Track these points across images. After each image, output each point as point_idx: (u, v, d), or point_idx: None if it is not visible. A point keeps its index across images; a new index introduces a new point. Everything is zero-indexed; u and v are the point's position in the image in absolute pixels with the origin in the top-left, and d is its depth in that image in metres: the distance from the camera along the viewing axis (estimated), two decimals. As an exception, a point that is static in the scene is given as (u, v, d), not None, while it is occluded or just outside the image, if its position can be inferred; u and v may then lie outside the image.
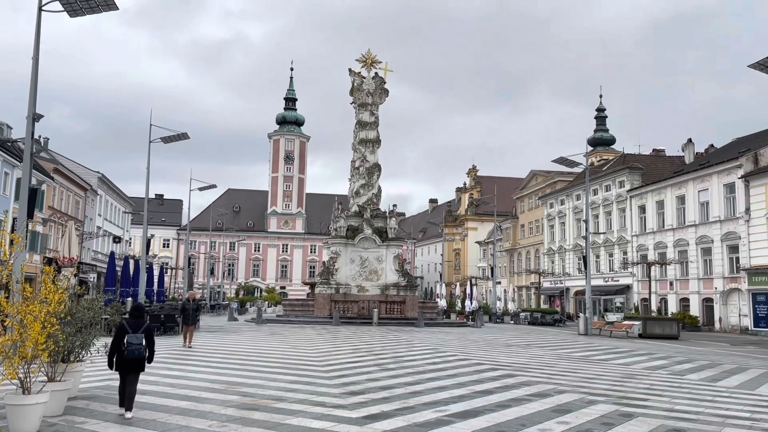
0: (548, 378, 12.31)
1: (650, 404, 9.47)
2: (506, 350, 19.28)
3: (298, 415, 7.90)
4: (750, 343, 29.23)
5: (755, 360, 19.30)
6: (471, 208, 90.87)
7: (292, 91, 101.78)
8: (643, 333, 30.29)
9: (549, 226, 65.52)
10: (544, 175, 69.78)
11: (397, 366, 13.73)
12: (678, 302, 44.80)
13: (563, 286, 60.05)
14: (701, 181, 43.52)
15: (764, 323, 36.89)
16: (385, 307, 34.74)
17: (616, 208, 53.55)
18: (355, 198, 39.46)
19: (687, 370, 14.99)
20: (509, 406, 8.90)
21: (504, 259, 75.76)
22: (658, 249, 47.07)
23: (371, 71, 40.52)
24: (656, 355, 19.15)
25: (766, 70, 19.52)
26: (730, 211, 40.52)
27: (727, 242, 40.46)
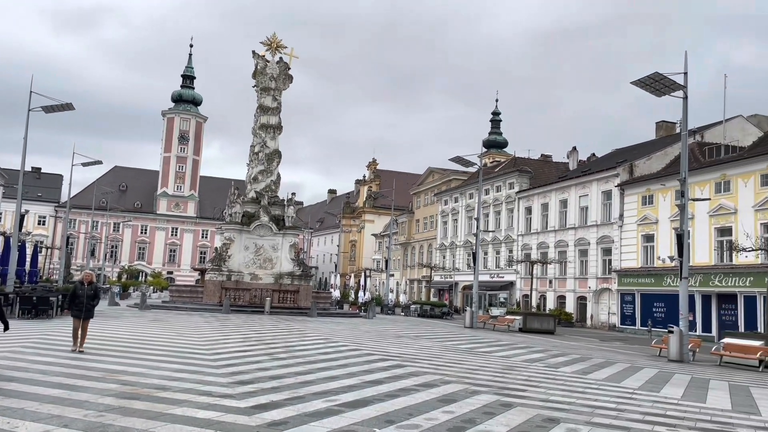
0: (435, 369, 12.70)
1: (528, 395, 10.03)
2: (396, 341, 19.68)
3: (183, 404, 7.63)
4: (617, 339, 31.75)
5: (621, 355, 20.98)
6: (369, 201, 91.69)
7: (190, 68, 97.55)
8: (523, 327, 32.00)
9: (443, 222, 67.50)
10: (441, 172, 71.73)
11: (288, 355, 13.61)
12: (556, 299, 47.79)
13: (452, 280, 62.17)
14: (582, 187, 46.58)
15: (630, 321, 40.21)
16: (278, 296, 34.31)
17: (505, 208, 56.12)
18: (253, 184, 38.59)
19: (561, 363, 16.02)
20: (398, 395, 9.09)
21: (398, 253, 77.17)
22: (540, 249, 49.89)
23: (276, 55, 39.73)
24: (534, 349, 20.31)
25: (646, 87, 21.19)
26: (606, 216, 43.70)
27: (602, 245, 43.64)
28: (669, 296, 34.85)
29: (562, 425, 7.71)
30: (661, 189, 38.49)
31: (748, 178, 33.04)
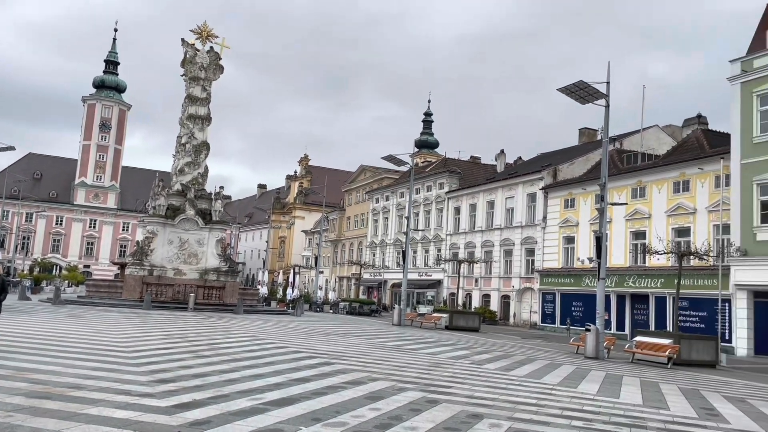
0: (363, 366, 12.72)
1: (453, 391, 10.20)
2: (324, 339, 19.58)
3: (99, 404, 7.28)
4: (537, 337, 32.87)
5: (541, 352, 21.73)
6: (300, 197, 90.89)
7: (114, 53, 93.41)
8: (450, 325, 32.61)
9: (374, 220, 67.78)
10: (373, 170, 72.00)
11: (213, 353, 13.27)
12: (481, 298, 48.98)
13: (382, 278, 62.55)
14: (509, 189, 47.94)
15: (550, 320, 41.74)
16: (204, 292, 33.42)
17: (435, 207, 56.99)
18: (179, 176, 37.39)
19: (485, 360, 16.41)
20: (325, 393, 9.04)
21: (328, 250, 76.88)
22: (468, 248, 50.98)
23: (206, 45, 38.65)
24: (460, 346, 20.72)
25: (571, 95, 22.01)
26: (530, 218, 45.16)
27: (526, 246, 45.08)
28: (587, 296, 36.42)
29: (486, 421, 7.89)
30: (583, 193, 40.15)
31: (662, 185, 34.97)
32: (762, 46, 29.52)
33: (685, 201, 33.44)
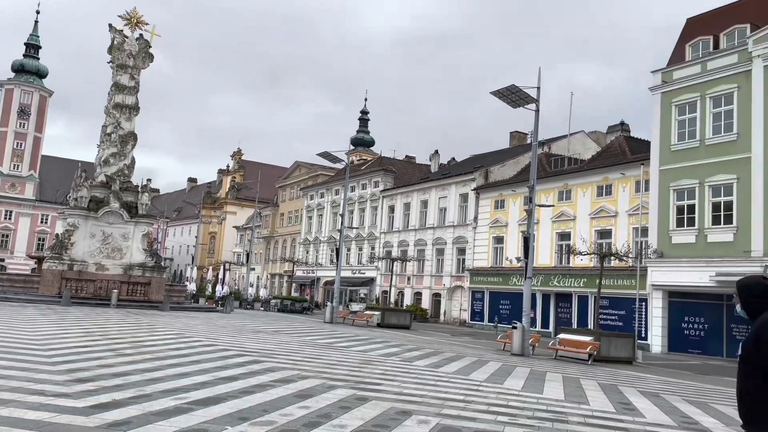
0: (293, 364, 12.58)
1: (383, 388, 10.24)
2: (254, 336, 19.26)
3: (10, 404, 6.85)
4: (467, 334, 33.55)
5: (470, 349, 22.17)
6: (232, 192, 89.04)
7: (35, 36, 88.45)
8: (381, 322, 32.79)
9: (308, 217, 67.26)
10: (308, 167, 71.44)
11: (135, 351, 12.78)
12: (413, 295, 49.51)
13: (315, 275, 62.17)
14: (442, 189, 48.67)
15: (479, 317, 42.67)
16: (128, 288, 32.20)
17: (370, 206, 57.15)
18: (104, 167, 35.83)
19: (415, 357, 16.59)
20: (253, 392, 8.87)
21: (261, 246, 75.72)
22: (401, 246, 51.42)
23: (135, 32, 37.21)
24: (391, 343, 20.86)
25: (503, 98, 22.54)
26: (462, 218, 46.02)
27: (458, 245, 45.90)
28: (514, 294, 37.46)
29: (414, 417, 7.96)
30: (512, 194, 41.27)
31: (587, 189, 36.41)
32: (681, 59, 31.21)
33: (607, 204, 34.94)
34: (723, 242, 27.13)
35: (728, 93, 27.87)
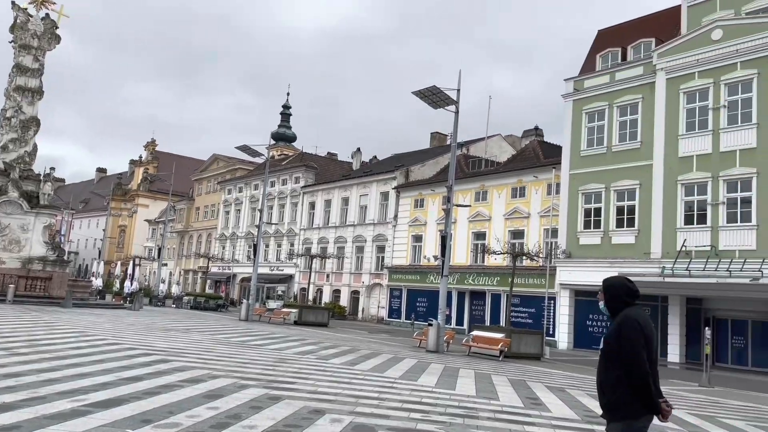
0: (203, 363, 12.17)
1: (297, 387, 10.09)
2: (163, 335, 18.52)
3: None
4: (384, 332, 33.79)
5: (386, 346, 22.32)
6: (145, 184, 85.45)
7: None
8: (299, 320, 32.45)
9: (225, 211, 65.59)
10: (226, 160, 69.65)
11: (31, 350, 11.94)
12: (332, 293, 49.35)
13: (231, 272, 60.73)
14: (363, 187, 48.78)
15: (396, 315, 43.10)
16: (26, 283, 30.17)
17: (290, 202, 56.45)
18: (2, 153, 33.40)
19: (331, 355, 16.49)
20: (158, 393, 8.48)
21: (174, 241, 73.11)
22: (321, 243, 51.12)
23: (41, 11, 34.86)
24: (307, 341, 20.66)
25: (424, 99, 22.82)
26: (382, 216, 46.32)
27: (377, 243, 46.16)
28: (431, 292, 38.09)
29: (327, 416, 7.87)
30: (431, 194, 41.95)
31: (502, 190, 37.56)
32: (592, 69, 32.77)
33: (521, 206, 36.19)
34: (625, 244, 28.73)
35: (633, 103, 29.52)
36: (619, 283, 4.29)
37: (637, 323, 4.05)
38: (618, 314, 4.19)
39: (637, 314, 4.13)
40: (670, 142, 27.66)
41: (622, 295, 4.23)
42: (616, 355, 4.05)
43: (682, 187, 27.02)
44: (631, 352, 3.96)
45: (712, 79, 26.56)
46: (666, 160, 27.69)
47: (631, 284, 4.26)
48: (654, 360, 4.07)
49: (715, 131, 26.19)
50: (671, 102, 27.88)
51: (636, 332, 4.01)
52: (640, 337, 3.99)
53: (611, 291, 4.28)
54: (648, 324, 4.11)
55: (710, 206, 25.84)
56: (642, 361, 3.93)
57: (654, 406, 3.97)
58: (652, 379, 4.00)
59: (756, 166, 24.67)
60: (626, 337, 4.02)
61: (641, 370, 3.92)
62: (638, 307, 4.21)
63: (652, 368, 4.01)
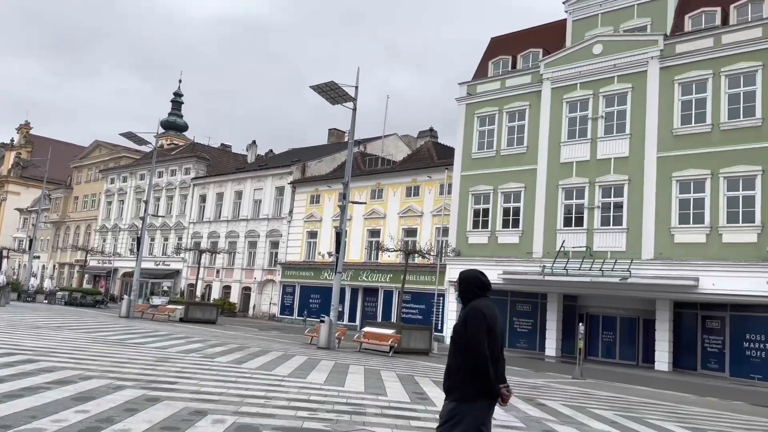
0: (75, 363, 11.32)
1: (178, 387, 9.62)
2: (32, 332, 17.07)
3: None
4: (275, 329, 33.24)
5: (277, 344, 21.94)
6: (16, 170, 78.62)
7: None
8: (185, 317, 31.19)
9: (107, 202, 61.78)
10: (110, 147, 65.61)
11: None
12: (221, 289, 47.89)
13: (112, 266, 57.30)
14: (258, 181, 47.74)
15: (289, 311, 42.59)
16: None
17: (179, 193, 54.12)
18: None
19: (218, 353, 15.94)
20: (21, 395, 7.76)
21: (48, 232, 67.85)
22: (211, 238, 49.45)
23: None
24: (193, 339, 19.86)
25: (323, 94, 22.63)
26: (277, 211, 45.56)
27: (271, 238, 45.36)
28: (325, 289, 37.97)
29: (209, 417, 7.55)
30: (328, 190, 41.80)
31: (397, 189, 38.13)
32: (485, 75, 34.02)
33: (414, 204, 36.93)
34: (510, 244, 30.10)
35: (522, 109, 30.98)
36: (471, 276, 4.61)
37: (482, 313, 4.33)
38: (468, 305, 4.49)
39: (484, 305, 4.42)
40: (553, 148, 29.29)
41: (473, 288, 4.55)
42: (461, 342, 4.32)
43: (562, 191, 28.70)
44: (473, 340, 4.23)
45: (592, 90, 28.43)
46: (549, 165, 29.29)
47: (483, 277, 4.59)
48: (498, 348, 4.36)
49: (593, 140, 28.05)
50: (555, 110, 29.54)
51: (479, 321, 4.29)
52: (482, 326, 4.27)
53: (464, 283, 4.60)
54: (493, 314, 4.40)
55: (587, 210, 27.66)
56: (482, 348, 4.21)
57: (492, 391, 4.24)
58: (495, 366, 4.27)
59: (628, 173, 26.69)
60: (470, 325, 4.30)
61: (481, 357, 4.19)
62: (487, 299, 4.52)
63: (495, 356, 4.30)
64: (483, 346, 4.20)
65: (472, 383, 4.22)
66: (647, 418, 11.24)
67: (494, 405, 4.36)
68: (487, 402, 4.29)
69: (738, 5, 26.09)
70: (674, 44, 26.25)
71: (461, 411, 4.24)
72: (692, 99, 25.48)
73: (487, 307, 4.41)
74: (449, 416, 4.29)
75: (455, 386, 4.31)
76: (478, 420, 4.27)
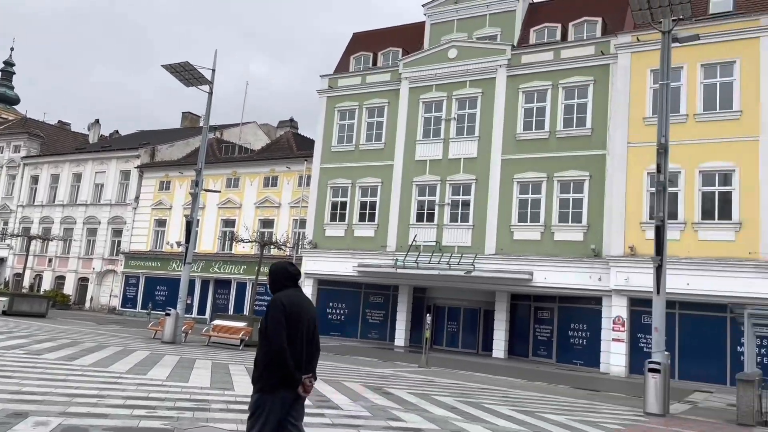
0: None
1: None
2: None
3: None
4: (115, 322, 31.07)
5: (116, 338, 20.52)
6: None
7: None
8: (9, 310, 28.18)
9: None
10: None
11: None
12: (54, 280, 43.82)
13: None
14: (101, 163, 44.24)
15: (131, 304, 40.03)
16: None
17: (6, 173, 48.68)
18: None
19: (45, 349, 14.57)
20: None
21: None
22: (43, 223, 45.05)
23: None
24: (17, 334, 17.98)
25: (176, 74, 21.47)
26: (122, 196, 42.54)
27: (114, 226, 42.28)
28: (172, 280, 36.17)
29: (30, 419, 6.86)
30: (179, 177, 39.78)
31: (254, 178, 37.26)
32: (346, 69, 34.28)
33: (272, 195, 36.33)
34: (366, 237, 30.69)
35: (381, 106, 31.65)
36: (279, 268, 4.69)
37: (282, 304, 4.40)
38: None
39: (286, 296, 4.49)
40: (409, 145, 30.28)
41: (281, 279, 4.63)
42: (264, 333, 4.40)
43: (416, 188, 29.78)
44: (271, 331, 4.31)
45: (446, 93, 29.77)
46: (405, 161, 30.24)
47: (291, 268, 4.66)
48: (303, 338, 4.42)
49: (446, 140, 29.40)
50: (412, 109, 30.53)
51: (278, 312, 4.36)
52: (281, 317, 4.33)
53: (273, 275, 4.68)
54: (297, 304, 4.47)
55: (438, 206, 28.96)
56: (279, 339, 4.28)
57: (290, 381, 4.31)
58: (297, 356, 4.34)
59: (475, 173, 28.31)
60: (270, 316, 4.38)
61: (278, 348, 4.26)
62: (295, 290, 4.60)
63: (299, 347, 4.37)
64: (280, 337, 4.25)
65: (271, 374, 4.27)
66: (484, 403, 12.02)
67: (299, 395, 4.39)
68: (289, 392, 4.33)
69: (576, 23, 28.64)
70: (520, 55, 28.25)
71: (264, 402, 4.29)
72: (534, 107, 27.60)
73: (291, 297, 4.46)
74: (254, 408, 4.33)
75: (258, 377, 4.34)
76: (282, 410, 4.32)
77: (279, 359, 4.24)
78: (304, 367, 4.40)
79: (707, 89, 23.28)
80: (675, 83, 22.18)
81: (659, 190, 14.56)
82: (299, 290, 4.63)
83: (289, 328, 4.32)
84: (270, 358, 4.27)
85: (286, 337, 4.30)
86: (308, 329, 4.50)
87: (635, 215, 23.55)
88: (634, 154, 23.80)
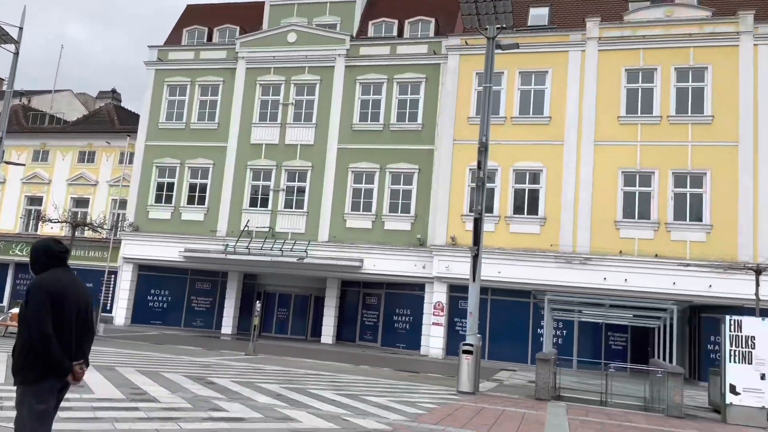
0: None
1: None
2: None
3: None
4: None
5: None
6: None
7: None
8: None
9: None
10: None
11: None
12: None
13: None
14: None
15: None
16: None
17: None
18: None
19: None
20: None
21: None
22: None
23: None
24: None
25: None
26: None
27: None
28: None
29: None
30: (-26, 145, 34.79)
31: (67, 152, 33.79)
32: (178, 42, 32.31)
33: (88, 172, 33.24)
34: (195, 221, 29.32)
35: (215, 84, 30.32)
36: (41, 246, 4.28)
37: (45, 287, 4.04)
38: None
39: (50, 277, 4.12)
40: (244, 128, 29.41)
41: (42, 258, 4.22)
42: (23, 317, 4.05)
43: (250, 172, 29.05)
44: (32, 316, 3.96)
45: (285, 77, 29.34)
46: (239, 144, 29.34)
47: (56, 245, 4.26)
48: (73, 323, 4.10)
49: (283, 125, 29.01)
50: (249, 91, 29.67)
51: (41, 295, 4.00)
52: (45, 300, 3.98)
53: (33, 254, 4.27)
54: (64, 286, 4.12)
55: (272, 192, 28.53)
56: (42, 324, 3.94)
57: (58, 369, 4.01)
58: (66, 343, 4.03)
59: (312, 160, 28.32)
60: (31, 300, 4.02)
61: (41, 334, 3.92)
62: (62, 270, 4.22)
63: (67, 333, 4.05)
64: (43, 323, 3.91)
65: (33, 364, 3.94)
66: (309, 389, 12.12)
67: (66, 383, 4.11)
68: (56, 381, 4.03)
69: (411, 21, 29.73)
70: (359, 46, 28.72)
71: (26, 395, 3.96)
72: (370, 99, 28.24)
73: (56, 279, 4.10)
74: (18, 401, 4.00)
75: (21, 367, 3.98)
76: (47, 401, 4.01)
77: (42, 347, 3.88)
78: (75, 354, 4.06)
79: (523, 95, 25.54)
80: (496, 87, 24.15)
81: (478, 185, 15.70)
82: (68, 270, 4.23)
83: (55, 313, 3.95)
84: (33, 347, 3.89)
85: (52, 322, 3.93)
86: (79, 313, 4.12)
87: (457, 208, 25.19)
88: (459, 150, 25.41)
